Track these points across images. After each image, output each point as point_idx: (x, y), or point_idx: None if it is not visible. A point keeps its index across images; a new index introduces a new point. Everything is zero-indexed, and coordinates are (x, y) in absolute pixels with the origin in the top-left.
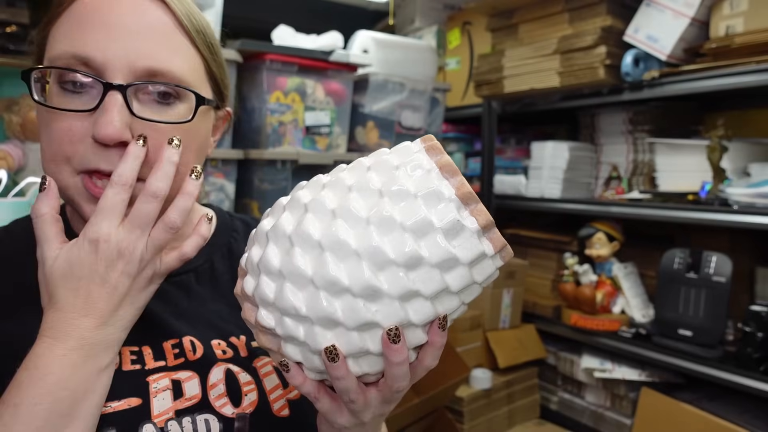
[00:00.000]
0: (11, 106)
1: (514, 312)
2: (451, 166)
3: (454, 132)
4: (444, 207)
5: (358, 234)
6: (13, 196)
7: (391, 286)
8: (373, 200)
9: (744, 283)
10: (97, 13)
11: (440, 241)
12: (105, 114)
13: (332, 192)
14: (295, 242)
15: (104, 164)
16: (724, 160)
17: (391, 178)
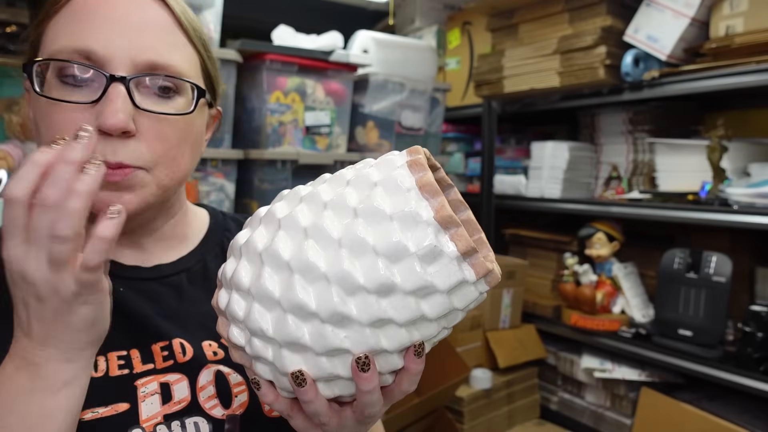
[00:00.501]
0: (11, 106)
1: (514, 312)
2: (432, 185)
3: (454, 132)
4: (421, 231)
5: (328, 256)
6: None
7: (361, 312)
8: (347, 220)
9: (744, 283)
10: (98, 9)
11: (415, 267)
12: (110, 104)
13: (308, 207)
14: (265, 261)
15: (109, 155)
16: (724, 160)
17: (368, 196)
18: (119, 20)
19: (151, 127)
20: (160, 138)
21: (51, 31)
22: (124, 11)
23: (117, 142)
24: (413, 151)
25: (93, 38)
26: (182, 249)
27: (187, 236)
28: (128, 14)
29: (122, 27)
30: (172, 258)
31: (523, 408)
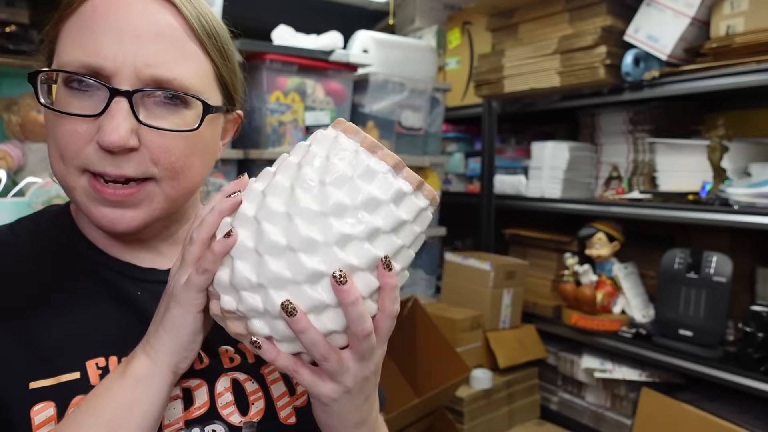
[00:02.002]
0: (11, 106)
1: (514, 312)
2: (374, 143)
3: (454, 132)
4: (381, 179)
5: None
6: (13, 196)
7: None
8: (318, 193)
9: (744, 283)
10: (106, 17)
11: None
12: (111, 120)
13: (276, 197)
14: (236, 225)
15: (110, 168)
16: (725, 160)
17: (326, 168)
18: (126, 31)
19: (155, 141)
20: (165, 152)
21: (64, 35)
22: (133, 20)
23: (120, 157)
24: (337, 122)
25: (100, 52)
26: None
27: None
28: (136, 23)
29: (129, 38)
30: None
31: (523, 408)
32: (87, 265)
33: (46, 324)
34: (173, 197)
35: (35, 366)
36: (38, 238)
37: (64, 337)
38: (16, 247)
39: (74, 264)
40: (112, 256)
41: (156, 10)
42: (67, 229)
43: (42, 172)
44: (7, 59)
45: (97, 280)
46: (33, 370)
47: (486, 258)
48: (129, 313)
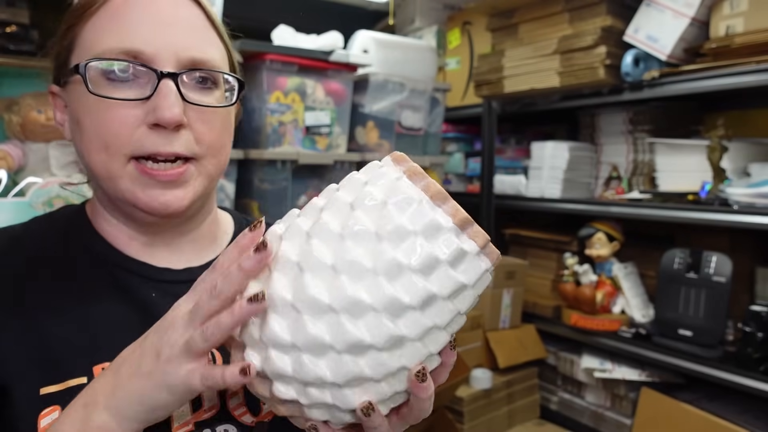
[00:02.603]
0: (11, 106)
1: (514, 312)
2: (441, 192)
3: (454, 132)
4: (444, 238)
5: (368, 287)
6: (13, 196)
7: (412, 330)
8: (371, 245)
9: (744, 283)
10: (138, 8)
11: (448, 273)
12: (165, 99)
13: (323, 243)
14: (302, 310)
15: (162, 147)
16: (724, 160)
17: (383, 216)
18: (160, 19)
19: (198, 118)
20: (207, 129)
21: (89, 32)
22: (163, 10)
23: (170, 134)
24: (400, 159)
25: (138, 37)
26: (210, 252)
27: (216, 238)
28: (167, 13)
29: (164, 26)
30: (202, 260)
31: (523, 408)
32: (102, 266)
33: (57, 325)
34: (213, 174)
35: (47, 371)
36: (53, 237)
37: (73, 340)
38: (30, 246)
39: (88, 264)
40: (129, 255)
41: (181, 2)
42: (84, 229)
43: (42, 172)
44: (8, 59)
45: (112, 281)
46: (44, 376)
47: None
48: (141, 316)
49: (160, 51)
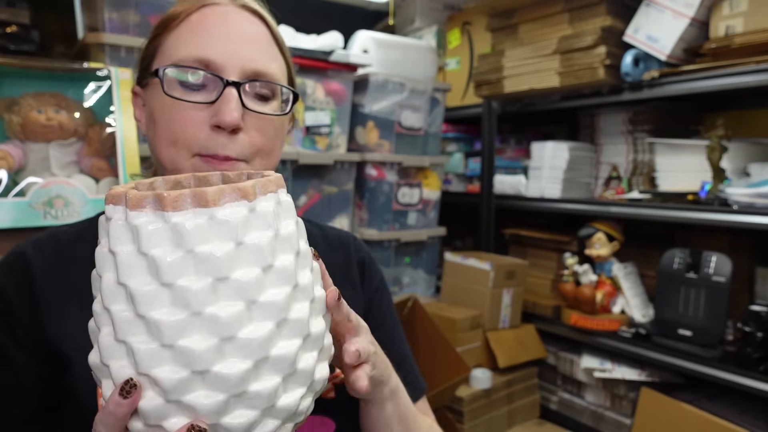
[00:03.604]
0: (11, 106)
1: (514, 312)
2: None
3: (454, 132)
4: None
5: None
6: (14, 196)
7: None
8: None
9: (744, 283)
10: (214, 25)
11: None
12: (227, 104)
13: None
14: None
15: (220, 149)
16: (724, 160)
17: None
18: (231, 35)
19: (254, 124)
20: (261, 133)
21: (170, 43)
22: (234, 27)
23: (226, 137)
24: (113, 197)
25: (210, 49)
26: None
27: None
28: (237, 30)
29: (233, 40)
30: None
31: (523, 408)
32: None
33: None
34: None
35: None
36: (86, 241)
37: None
38: (95, 236)
39: None
40: None
41: (251, 21)
42: None
43: (42, 172)
44: (8, 59)
45: None
46: None
47: (486, 258)
48: None
49: (228, 62)
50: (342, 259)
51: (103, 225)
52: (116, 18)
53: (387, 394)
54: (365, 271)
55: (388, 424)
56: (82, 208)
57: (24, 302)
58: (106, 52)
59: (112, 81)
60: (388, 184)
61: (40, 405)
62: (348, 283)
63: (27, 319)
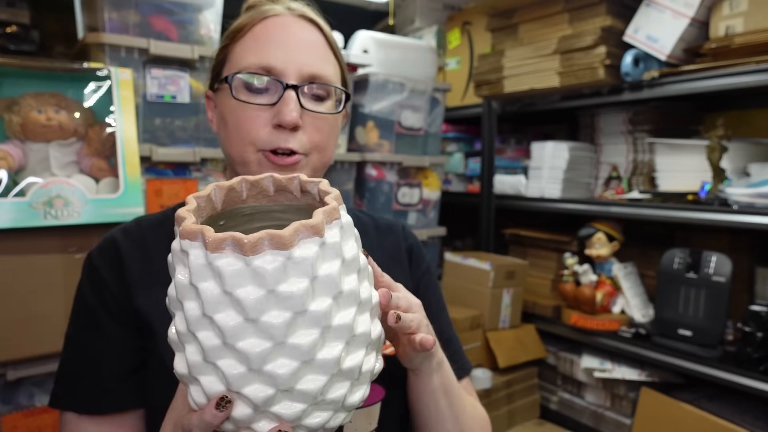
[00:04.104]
0: (11, 106)
1: (514, 312)
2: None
3: (454, 132)
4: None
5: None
6: (14, 196)
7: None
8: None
9: (744, 283)
10: (274, 34)
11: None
12: (287, 106)
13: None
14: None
15: (282, 143)
16: (724, 160)
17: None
18: (290, 42)
19: (311, 122)
20: (317, 131)
21: (237, 52)
22: (293, 35)
23: (288, 133)
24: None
25: (272, 56)
26: None
27: None
28: (295, 37)
29: (292, 48)
30: None
31: (523, 408)
32: None
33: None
34: (317, 167)
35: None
36: (165, 229)
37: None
38: (161, 225)
39: None
40: None
41: (308, 29)
42: None
43: (42, 172)
44: (8, 59)
45: None
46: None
47: (486, 258)
48: None
49: (287, 67)
50: (392, 244)
51: (179, 256)
52: (116, 18)
53: (435, 366)
54: (413, 257)
55: (433, 395)
56: (82, 208)
57: (115, 279)
58: (106, 52)
59: (112, 81)
60: (388, 184)
61: (127, 365)
62: (397, 266)
63: (118, 293)
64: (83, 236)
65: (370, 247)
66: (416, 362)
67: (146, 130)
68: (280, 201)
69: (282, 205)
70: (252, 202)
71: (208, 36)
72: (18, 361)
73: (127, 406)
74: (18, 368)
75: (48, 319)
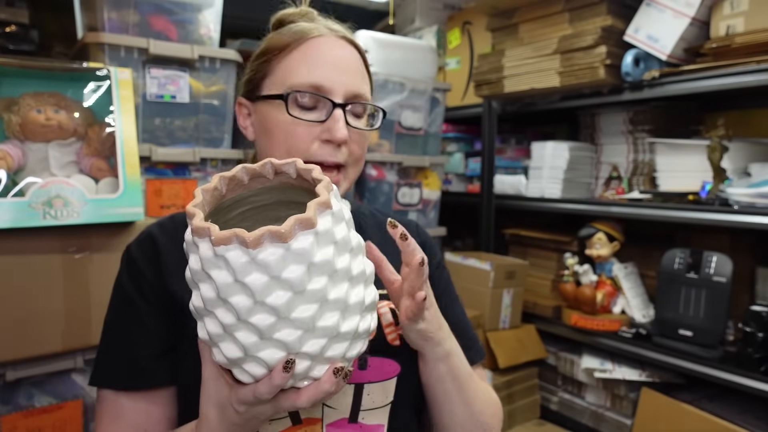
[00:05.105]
0: (11, 106)
1: (514, 312)
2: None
3: (454, 132)
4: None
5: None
6: (13, 196)
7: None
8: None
9: (744, 283)
10: (322, 54)
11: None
12: (337, 123)
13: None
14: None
15: (329, 157)
16: (725, 160)
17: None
18: (335, 63)
19: (353, 138)
20: (357, 145)
21: (282, 68)
22: (337, 56)
23: (335, 148)
24: (199, 231)
25: (321, 76)
26: None
27: None
28: (340, 58)
29: (337, 68)
30: None
31: (523, 408)
32: None
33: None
34: (352, 178)
35: None
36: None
37: None
38: (179, 227)
39: None
40: None
41: (348, 49)
42: None
43: (42, 172)
44: (7, 59)
45: None
46: None
47: (486, 258)
48: None
49: (335, 86)
50: None
51: (192, 246)
52: (115, 18)
53: (440, 355)
54: (426, 252)
55: (441, 380)
56: (82, 208)
57: (151, 269)
58: (105, 51)
59: (112, 81)
60: (388, 184)
61: (160, 347)
62: None
63: (154, 282)
64: (83, 236)
65: (382, 238)
66: (419, 343)
67: (146, 129)
68: (255, 187)
69: (255, 190)
70: (230, 195)
71: (207, 36)
72: (17, 361)
73: (161, 383)
74: (17, 368)
75: (47, 319)
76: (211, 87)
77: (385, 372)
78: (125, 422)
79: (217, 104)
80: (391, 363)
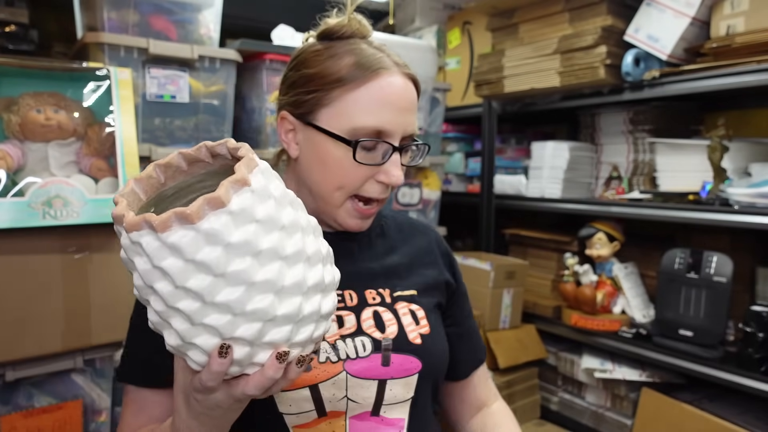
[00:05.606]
0: (11, 106)
1: (515, 312)
2: (121, 220)
3: (454, 132)
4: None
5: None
6: (12, 196)
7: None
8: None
9: (745, 283)
10: (390, 96)
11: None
12: (395, 168)
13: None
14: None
15: (381, 194)
16: (725, 160)
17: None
18: (400, 107)
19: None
20: (401, 178)
21: (347, 101)
22: (403, 99)
23: (386, 188)
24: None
25: (387, 121)
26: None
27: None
28: (404, 100)
29: (401, 110)
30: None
31: (523, 408)
32: None
33: None
34: (380, 208)
35: None
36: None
37: None
38: None
39: None
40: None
41: (410, 89)
42: None
43: (41, 171)
44: (7, 59)
45: None
46: None
47: (486, 258)
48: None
49: (396, 130)
50: (425, 243)
51: (132, 249)
52: (115, 17)
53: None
54: (453, 262)
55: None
56: (81, 208)
57: None
58: (105, 51)
59: (111, 80)
60: None
61: None
62: (430, 265)
63: None
64: (82, 236)
65: (402, 241)
66: None
67: (145, 129)
68: (197, 172)
69: (199, 176)
70: (171, 183)
71: (207, 36)
72: (17, 361)
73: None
74: (17, 369)
75: (47, 319)
76: (211, 87)
77: (407, 369)
78: (147, 414)
79: (217, 104)
80: (412, 360)
